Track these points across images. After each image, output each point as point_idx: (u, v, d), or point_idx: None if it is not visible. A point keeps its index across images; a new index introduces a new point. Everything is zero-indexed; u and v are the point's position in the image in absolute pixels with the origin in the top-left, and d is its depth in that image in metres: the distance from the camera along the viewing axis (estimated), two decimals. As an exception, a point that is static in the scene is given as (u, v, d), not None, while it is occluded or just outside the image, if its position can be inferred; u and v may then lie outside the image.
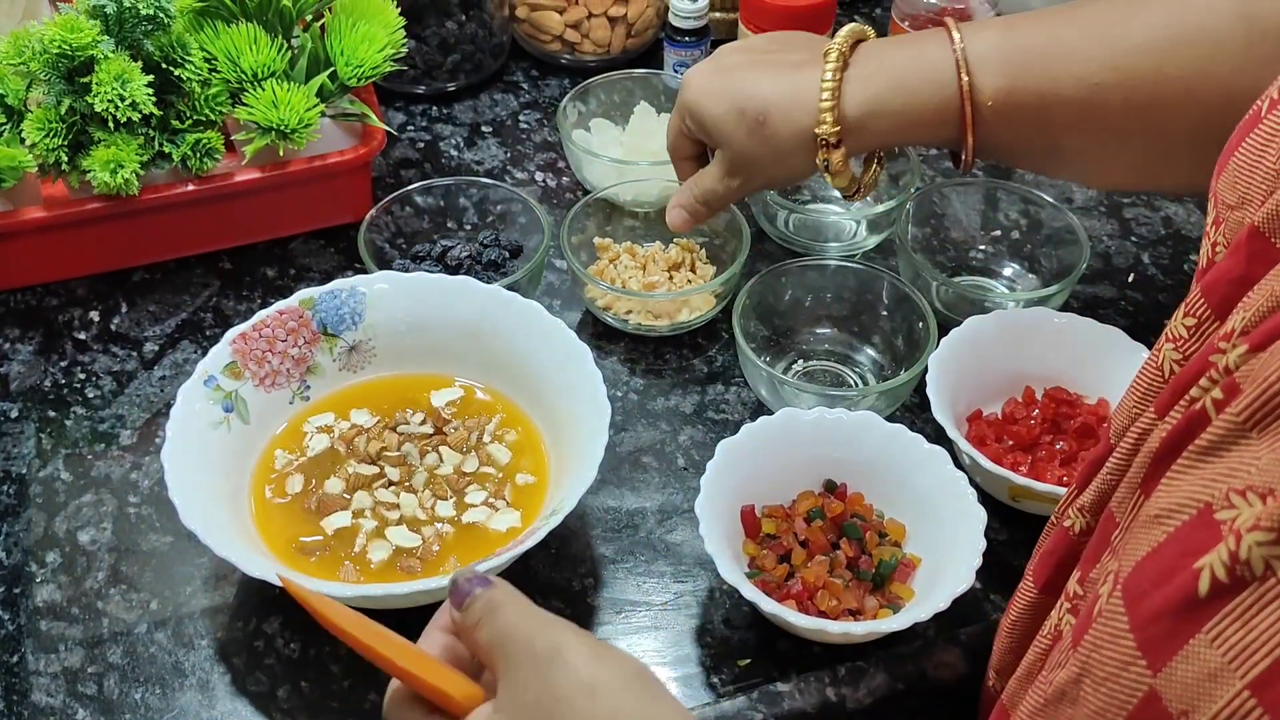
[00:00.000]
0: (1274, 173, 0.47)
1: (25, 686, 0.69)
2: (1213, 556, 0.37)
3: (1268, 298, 0.42)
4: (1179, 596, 0.38)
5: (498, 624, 0.52)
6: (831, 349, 0.87)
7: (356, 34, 0.89)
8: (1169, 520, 0.40)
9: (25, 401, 0.84)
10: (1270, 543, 0.35)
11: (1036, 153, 0.77)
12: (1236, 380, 0.40)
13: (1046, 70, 0.72)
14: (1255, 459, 0.38)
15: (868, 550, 0.73)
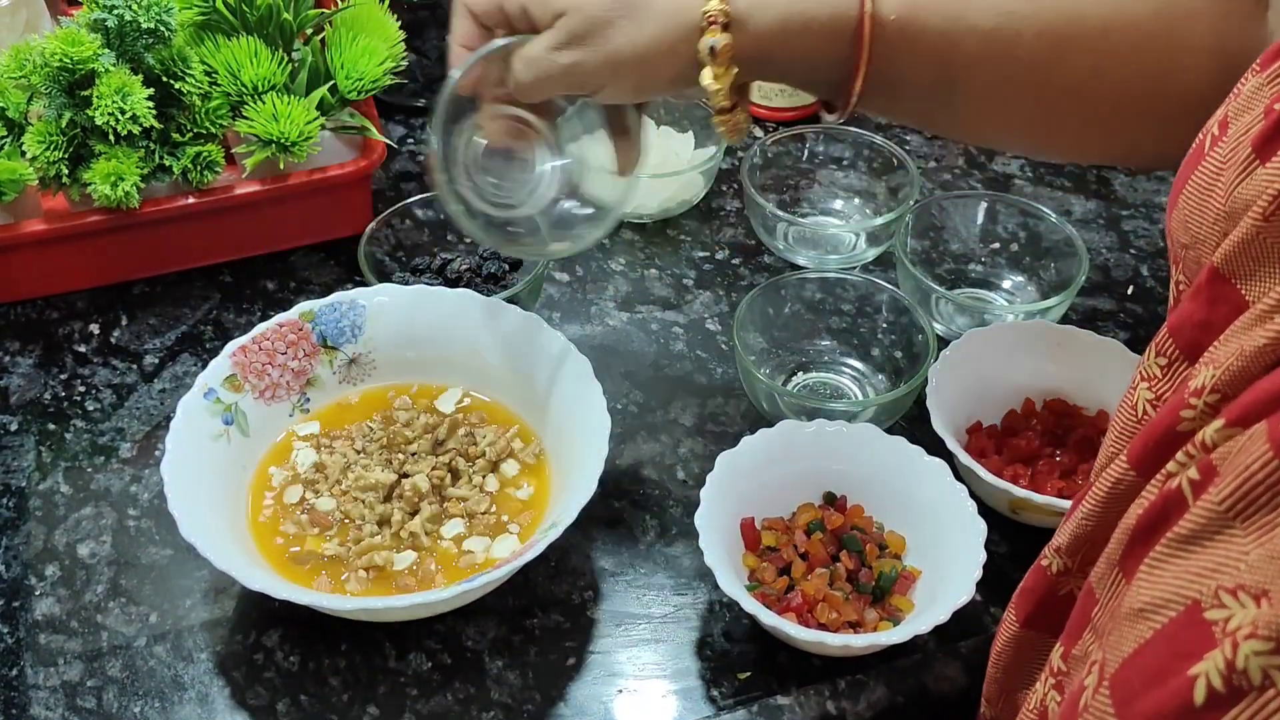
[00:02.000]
0: (1223, 214, 0.46)
1: (24, 700, 0.69)
2: (1208, 664, 0.36)
3: (1237, 355, 0.41)
4: (1174, 704, 0.37)
5: None
6: (831, 361, 0.88)
7: (357, 47, 0.89)
8: (1155, 616, 0.39)
9: (25, 414, 0.84)
10: (1268, 652, 0.34)
11: (937, 93, 0.68)
12: (1214, 462, 0.39)
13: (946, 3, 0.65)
14: (1243, 554, 0.37)
15: (868, 563, 0.73)
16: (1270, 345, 0.40)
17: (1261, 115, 0.45)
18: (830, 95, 0.70)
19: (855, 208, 0.99)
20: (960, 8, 0.65)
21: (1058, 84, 0.66)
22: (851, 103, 0.67)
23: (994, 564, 0.69)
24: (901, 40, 0.65)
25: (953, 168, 1.04)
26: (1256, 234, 0.43)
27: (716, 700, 0.69)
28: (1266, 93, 0.46)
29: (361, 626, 0.71)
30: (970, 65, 0.66)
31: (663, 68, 0.66)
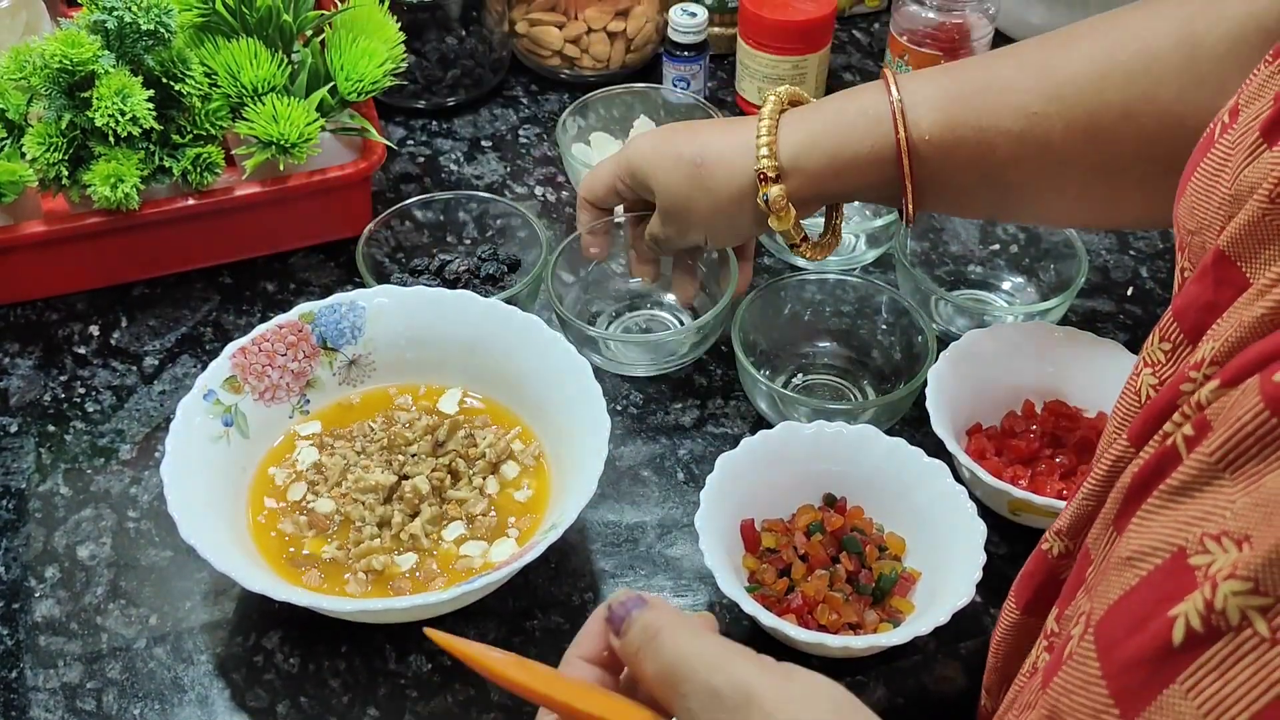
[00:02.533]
0: (1229, 197, 0.46)
1: (24, 702, 0.69)
2: (1188, 605, 0.36)
3: (1236, 326, 0.42)
4: (1153, 645, 0.37)
5: (664, 655, 0.47)
6: (831, 363, 0.88)
7: (357, 49, 0.89)
8: (1141, 563, 0.40)
9: (25, 416, 0.84)
10: (1246, 593, 0.35)
11: (982, 191, 0.76)
12: (1208, 417, 0.40)
13: (985, 104, 0.72)
14: (1230, 502, 0.37)
15: (867, 564, 0.73)
16: (1268, 315, 0.41)
17: (1271, 102, 0.46)
18: (888, 204, 0.82)
19: (855, 209, 0.99)
20: (991, 116, 0.72)
21: (1100, 170, 0.72)
22: (909, 215, 0.76)
23: (994, 565, 0.69)
24: (940, 157, 0.73)
25: (952, 169, 1.04)
26: (1262, 216, 0.43)
27: (716, 702, 0.69)
28: (1277, 81, 0.47)
29: (361, 628, 0.71)
30: (1009, 165, 0.73)
31: (740, 221, 0.79)
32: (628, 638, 0.49)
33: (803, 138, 0.75)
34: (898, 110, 0.73)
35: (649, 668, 0.48)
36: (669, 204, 0.79)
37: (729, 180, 0.77)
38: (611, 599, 0.50)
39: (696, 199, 0.78)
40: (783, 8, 1.01)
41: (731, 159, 0.76)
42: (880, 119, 0.74)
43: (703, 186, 0.77)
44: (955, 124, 0.73)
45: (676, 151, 0.78)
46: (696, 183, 0.77)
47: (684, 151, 0.78)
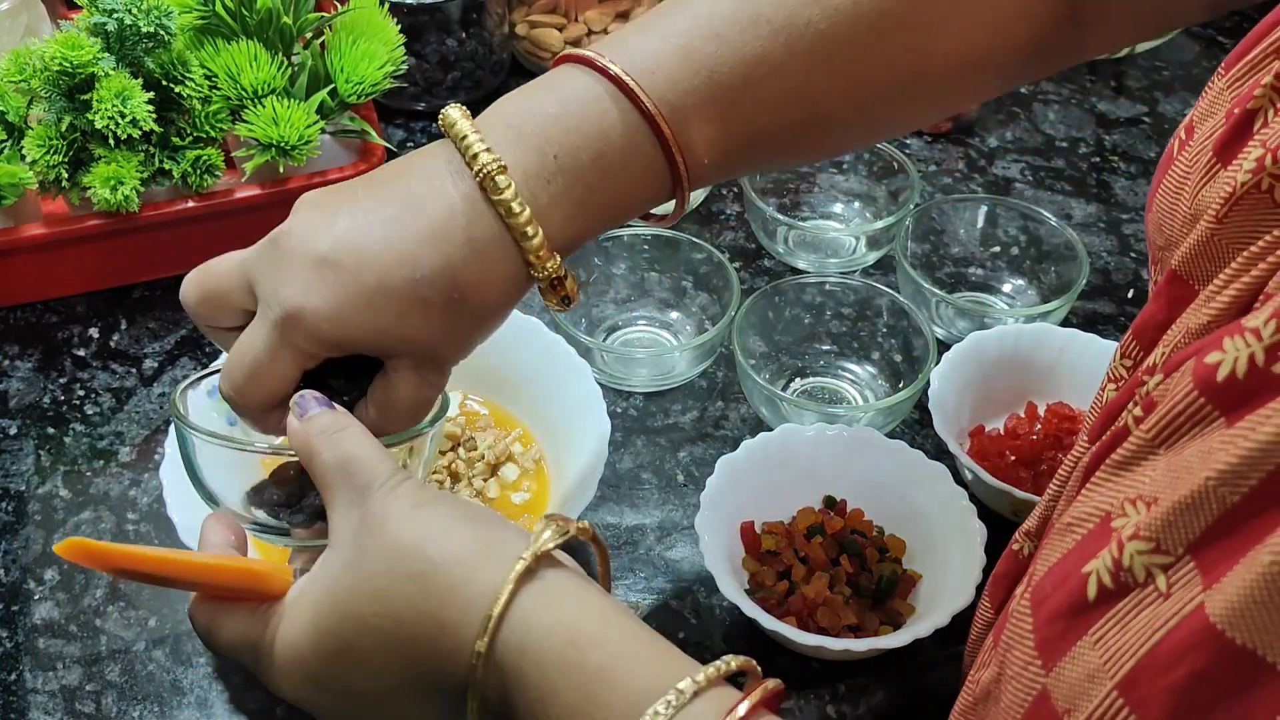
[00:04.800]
0: (1189, 215, 0.47)
1: (23, 705, 0.68)
2: (1099, 563, 0.39)
3: (1184, 333, 0.44)
4: (1070, 600, 0.39)
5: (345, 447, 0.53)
6: (831, 365, 0.87)
7: (357, 51, 0.89)
8: (1078, 529, 0.42)
9: (24, 418, 0.84)
10: (1150, 551, 0.37)
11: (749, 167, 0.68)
12: (1154, 398, 0.42)
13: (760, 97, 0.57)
14: (1154, 470, 0.39)
15: (868, 566, 0.73)
16: (1213, 321, 0.42)
17: (1223, 120, 0.46)
18: None
19: (855, 211, 0.99)
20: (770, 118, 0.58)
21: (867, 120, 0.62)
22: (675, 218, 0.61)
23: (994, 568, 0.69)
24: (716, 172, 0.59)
25: (953, 171, 1.04)
26: (1211, 235, 0.44)
27: (716, 704, 0.69)
28: (1227, 96, 0.48)
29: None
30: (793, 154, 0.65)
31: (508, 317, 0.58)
32: (314, 423, 0.53)
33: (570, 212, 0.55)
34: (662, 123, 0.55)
35: (327, 455, 0.52)
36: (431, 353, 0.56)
37: (500, 294, 0.56)
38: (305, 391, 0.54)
39: (468, 331, 0.56)
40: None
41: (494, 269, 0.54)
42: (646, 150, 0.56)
43: (473, 318, 0.55)
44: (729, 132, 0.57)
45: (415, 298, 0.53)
46: (462, 319, 0.55)
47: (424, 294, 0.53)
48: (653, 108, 0.55)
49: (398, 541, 0.50)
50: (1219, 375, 0.37)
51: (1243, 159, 0.43)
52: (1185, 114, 1.07)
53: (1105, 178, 1.04)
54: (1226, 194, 0.43)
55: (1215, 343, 0.38)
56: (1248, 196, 0.42)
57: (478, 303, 0.55)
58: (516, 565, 0.49)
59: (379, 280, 0.53)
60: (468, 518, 0.52)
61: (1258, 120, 0.44)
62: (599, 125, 0.55)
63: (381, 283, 0.53)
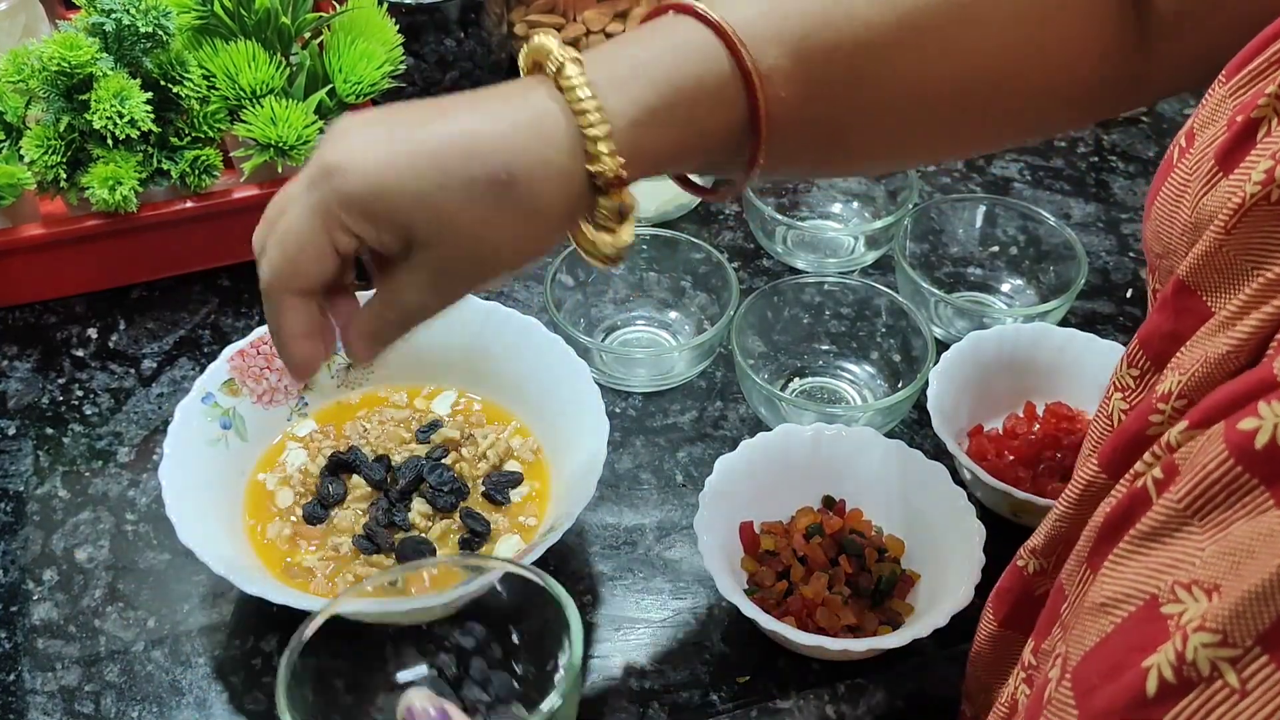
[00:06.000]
0: (1190, 225, 0.47)
1: (22, 706, 0.68)
2: (1160, 656, 0.36)
3: (1202, 362, 0.42)
4: (1127, 695, 0.37)
5: None
6: (830, 365, 0.87)
7: (355, 51, 0.89)
8: (1115, 610, 0.40)
9: (23, 419, 0.83)
10: (1216, 644, 0.35)
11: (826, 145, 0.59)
12: (1176, 462, 0.40)
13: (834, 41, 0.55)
14: (1199, 550, 0.37)
15: (867, 566, 0.73)
16: (1233, 352, 0.41)
17: (1224, 128, 0.46)
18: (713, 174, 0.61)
19: (854, 211, 0.99)
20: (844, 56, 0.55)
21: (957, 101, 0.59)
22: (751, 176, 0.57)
23: (993, 568, 0.69)
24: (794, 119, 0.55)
25: (951, 171, 1.04)
26: (1219, 246, 0.43)
27: (715, 704, 0.69)
28: (1229, 105, 0.47)
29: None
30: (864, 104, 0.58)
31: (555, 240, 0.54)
32: None
33: (638, 109, 0.52)
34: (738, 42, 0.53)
35: None
36: (462, 249, 0.52)
37: (555, 191, 0.51)
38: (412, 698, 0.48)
39: (508, 230, 0.51)
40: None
41: (552, 158, 0.51)
42: (723, 68, 0.53)
43: (520, 211, 0.51)
44: (809, 69, 0.54)
45: (456, 170, 0.50)
46: (507, 209, 0.51)
47: (469, 167, 0.50)
48: (727, 25, 0.53)
49: None
50: (1257, 443, 0.36)
51: (1249, 169, 0.43)
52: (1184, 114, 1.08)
53: (1104, 177, 1.04)
54: (1235, 205, 0.42)
55: (1247, 406, 0.36)
56: (1256, 208, 0.42)
57: (527, 192, 0.50)
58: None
59: (430, 143, 0.50)
60: None
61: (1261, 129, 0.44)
62: (674, 42, 0.53)
63: (431, 146, 0.50)
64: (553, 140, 0.51)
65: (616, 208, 0.52)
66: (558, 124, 0.51)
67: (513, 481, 0.76)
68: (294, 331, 0.54)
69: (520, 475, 0.77)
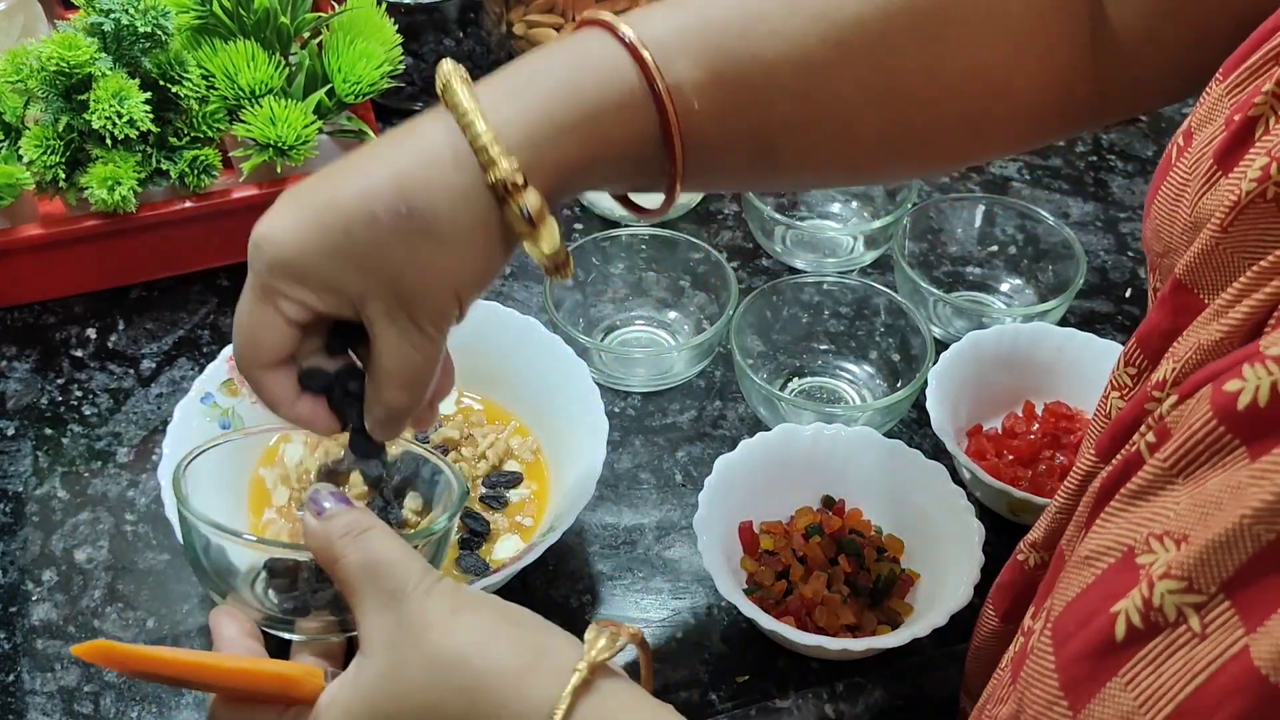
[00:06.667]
0: (1190, 224, 0.47)
1: (21, 706, 0.68)
2: (1128, 602, 0.37)
3: (1195, 348, 0.43)
4: (1098, 639, 0.38)
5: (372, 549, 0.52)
6: (829, 365, 0.87)
7: (354, 51, 0.89)
8: (1097, 562, 0.41)
9: (22, 419, 0.83)
10: (1181, 590, 0.36)
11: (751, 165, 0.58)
12: (1168, 425, 0.41)
13: (753, 52, 0.54)
14: (1175, 504, 0.38)
15: (866, 566, 0.73)
16: (1226, 338, 0.42)
17: (1223, 126, 0.46)
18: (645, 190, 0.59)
19: (853, 210, 0.99)
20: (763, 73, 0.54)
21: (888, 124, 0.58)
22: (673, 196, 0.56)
23: (992, 567, 0.69)
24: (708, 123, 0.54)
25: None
26: (1215, 244, 0.44)
27: (714, 704, 0.69)
28: (1226, 103, 0.47)
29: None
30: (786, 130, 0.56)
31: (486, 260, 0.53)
32: (334, 523, 0.53)
33: (534, 117, 0.51)
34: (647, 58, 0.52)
35: (352, 556, 0.52)
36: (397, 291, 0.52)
37: (456, 207, 0.51)
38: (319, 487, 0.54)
39: (426, 255, 0.51)
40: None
41: (444, 179, 0.50)
42: (628, 83, 0.52)
43: (427, 232, 0.51)
44: (723, 79, 0.53)
45: (355, 213, 0.50)
46: (414, 234, 0.51)
47: (368, 207, 0.50)
48: (634, 38, 0.52)
49: (440, 651, 0.49)
50: (1239, 404, 0.36)
51: (1245, 167, 0.43)
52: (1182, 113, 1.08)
53: (1102, 176, 1.05)
54: (1231, 202, 0.43)
55: (1233, 369, 0.37)
56: (1252, 206, 0.42)
57: (428, 216, 0.50)
58: (573, 678, 0.48)
59: (329, 197, 0.51)
60: (509, 621, 0.51)
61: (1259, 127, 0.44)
62: (578, 53, 0.53)
63: (332, 199, 0.51)
64: (442, 161, 0.50)
65: (520, 214, 0.51)
66: (446, 144, 0.51)
67: (512, 481, 0.76)
68: (281, 400, 0.57)
69: (520, 475, 0.77)
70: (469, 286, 0.54)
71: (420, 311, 0.53)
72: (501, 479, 0.76)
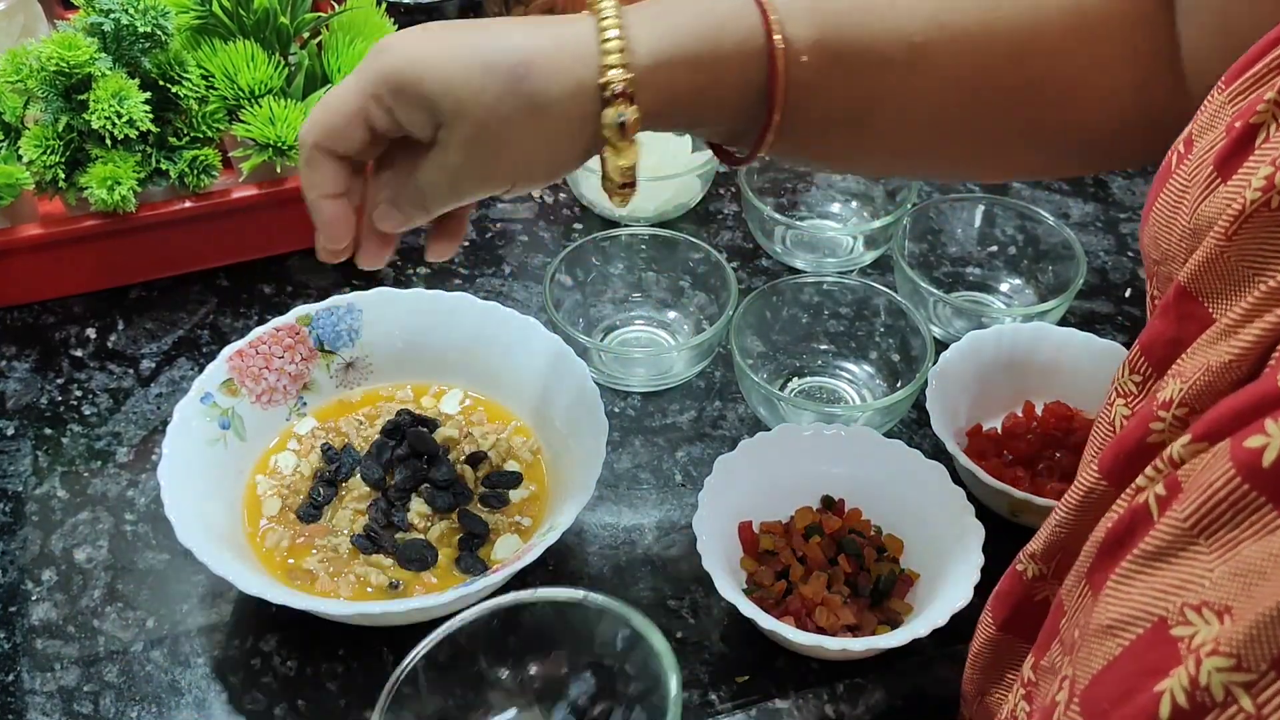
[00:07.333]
0: (1189, 231, 0.46)
1: (21, 706, 0.68)
2: (1173, 681, 0.36)
3: (1204, 370, 0.42)
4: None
5: None
6: (828, 365, 0.87)
7: (354, 51, 0.89)
8: (1123, 633, 0.39)
9: (22, 419, 0.83)
10: (1230, 669, 0.35)
11: (843, 132, 0.62)
12: (1179, 478, 0.40)
13: (865, 24, 0.59)
14: (1208, 571, 0.37)
15: (866, 566, 0.73)
16: (1235, 361, 0.41)
17: (1223, 134, 0.46)
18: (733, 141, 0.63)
19: (853, 211, 0.99)
20: (870, 41, 0.59)
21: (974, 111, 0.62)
22: (764, 144, 0.60)
23: (992, 567, 0.69)
24: (813, 81, 0.59)
25: (950, 171, 1.04)
26: (1220, 253, 0.43)
27: (714, 704, 0.69)
28: (1228, 111, 0.47)
29: (359, 631, 0.71)
30: (882, 101, 0.61)
31: (566, 152, 0.59)
32: None
33: (661, 44, 0.57)
34: (769, 9, 0.57)
35: None
36: (474, 131, 0.56)
37: (565, 94, 0.56)
38: None
39: (517, 122, 0.56)
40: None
41: (568, 65, 0.56)
42: (749, 31, 0.57)
43: (530, 103, 0.56)
44: (832, 42, 0.58)
45: (482, 60, 0.56)
46: (519, 98, 0.56)
47: (494, 60, 0.56)
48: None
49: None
50: (1264, 461, 0.35)
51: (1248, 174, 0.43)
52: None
53: (1102, 177, 1.05)
54: (1235, 211, 0.42)
55: (1254, 422, 0.36)
56: (1257, 215, 0.42)
57: (540, 84, 0.56)
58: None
59: (467, 35, 0.57)
60: None
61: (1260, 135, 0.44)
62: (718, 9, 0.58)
63: (468, 38, 0.57)
64: (572, 50, 0.56)
65: (617, 121, 0.56)
66: (580, 39, 0.56)
67: (512, 481, 0.76)
68: (324, 188, 0.60)
69: (519, 475, 0.77)
70: (532, 165, 0.59)
71: (484, 161, 0.58)
72: (501, 479, 0.76)
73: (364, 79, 0.57)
